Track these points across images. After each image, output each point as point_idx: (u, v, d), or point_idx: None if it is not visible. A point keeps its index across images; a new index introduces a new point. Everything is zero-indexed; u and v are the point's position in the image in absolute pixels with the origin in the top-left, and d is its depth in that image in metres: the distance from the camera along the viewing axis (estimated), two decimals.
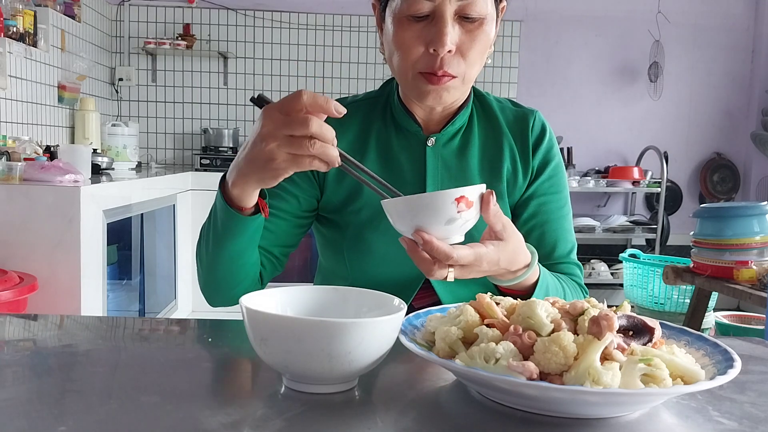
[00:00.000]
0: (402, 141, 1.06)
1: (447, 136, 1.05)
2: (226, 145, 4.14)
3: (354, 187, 1.04)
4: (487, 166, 1.06)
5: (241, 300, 0.66)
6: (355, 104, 1.09)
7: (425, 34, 0.91)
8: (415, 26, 0.91)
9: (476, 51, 0.93)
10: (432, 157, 1.04)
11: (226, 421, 0.56)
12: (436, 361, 0.61)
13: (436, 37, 0.89)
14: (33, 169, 2.38)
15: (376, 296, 0.74)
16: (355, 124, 1.06)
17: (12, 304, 2.01)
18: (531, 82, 4.46)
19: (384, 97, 1.10)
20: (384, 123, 1.07)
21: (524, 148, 1.07)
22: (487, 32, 0.93)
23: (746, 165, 4.63)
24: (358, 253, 1.03)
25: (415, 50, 0.92)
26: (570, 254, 1.09)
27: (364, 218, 1.03)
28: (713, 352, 0.66)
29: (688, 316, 2.87)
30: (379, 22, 1.00)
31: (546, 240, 1.07)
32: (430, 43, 0.90)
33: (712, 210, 2.59)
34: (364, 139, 1.06)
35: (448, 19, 0.89)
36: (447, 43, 0.89)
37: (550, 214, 1.07)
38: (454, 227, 0.74)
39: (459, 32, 0.91)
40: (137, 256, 3.38)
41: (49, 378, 0.67)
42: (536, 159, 1.07)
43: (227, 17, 4.29)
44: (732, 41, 4.55)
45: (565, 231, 1.09)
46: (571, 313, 0.66)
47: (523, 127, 1.08)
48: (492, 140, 1.07)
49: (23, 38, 2.94)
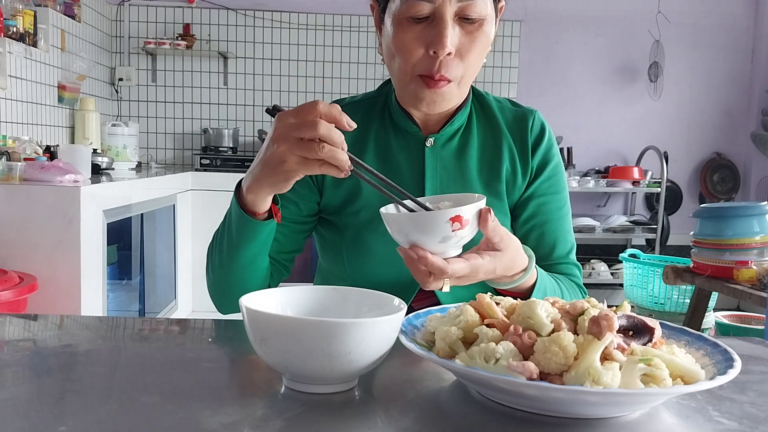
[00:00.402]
0: (401, 142, 1.05)
1: (446, 136, 1.05)
2: (226, 145, 4.14)
3: (353, 189, 1.04)
4: (486, 167, 1.06)
5: (241, 300, 0.66)
6: (353, 105, 1.09)
7: (425, 36, 0.90)
8: (414, 28, 0.91)
9: (475, 53, 0.93)
10: (431, 157, 1.04)
11: (226, 421, 0.56)
12: (436, 361, 0.61)
13: (436, 39, 0.89)
14: (33, 169, 2.38)
15: (376, 296, 0.74)
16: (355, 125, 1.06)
17: (12, 304, 2.02)
18: (531, 82, 4.45)
19: (382, 97, 1.09)
20: (382, 124, 1.07)
21: (523, 148, 1.07)
22: (486, 33, 0.93)
23: (746, 165, 4.63)
24: (357, 255, 1.03)
25: (415, 52, 0.91)
26: (569, 254, 1.09)
27: (363, 220, 1.03)
28: (713, 352, 0.66)
29: (688, 316, 2.86)
30: (377, 23, 1.00)
31: (545, 240, 1.07)
32: (430, 45, 0.90)
33: (712, 210, 2.59)
34: (363, 140, 1.06)
35: (448, 21, 0.89)
36: (447, 45, 0.89)
37: (550, 215, 1.07)
38: (450, 244, 0.75)
39: (459, 33, 0.91)
40: (137, 256, 3.38)
41: (49, 378, 0.67)
42: (535, 159, 1.07)
43: (227, 17, 4.29)
44: (732, 41, 4.55)
45: (565, 231, 1.08)
46: (571, 313, 0.66)
47: (523, 127, 1.08)
48: (491, 140, 1.07)
49: (23, 38, 2.94)
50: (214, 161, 3.94)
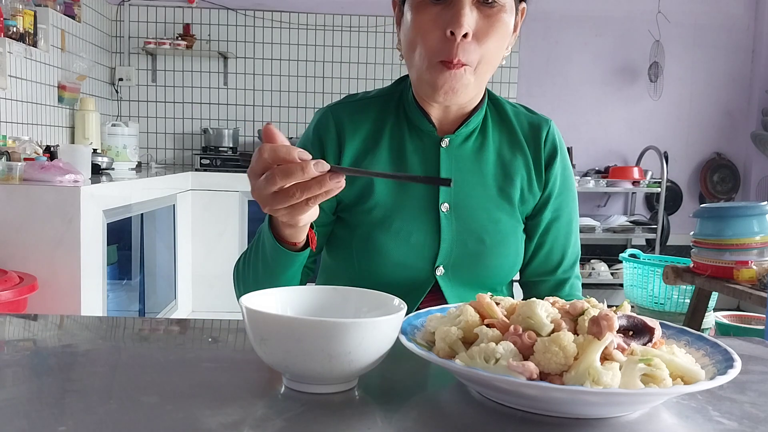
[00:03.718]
0: (415, 141, 1.04)
1: (461, 137, 1.04)
2: (226, 145, 4.14)
3: (366, 187, 1.02)
4: (501, 171, 1.05)
5: (241, 300, 0.66)
6: (367, 101, 1.07)
7: (443, 17, 0.90)
8: (432, 9, 0.91)
9: (493, 38, 0.92)
10: (446, 158, 1.03)
11: (226, 421, 0.56)
12: (436, 361, 0.61)
13: (453, 19, 0.88)
14: (33, 169, 2.38)
15: (376, 296, 0.74)
16: (369, 122, 1.05)
17: (12, 304, 2.02)
18: (531, 82, 4.45)
19: (397, 94, 1.08)
20: (397, 121, 1.05)
21: (537, 159, 1.06)
22: (505, 21, 0.93)
23: (746, 165, 4.63)
24: (367, 254, 1.02)
25: (432, 35, 0.91)
26: (573, 267, 1.10)
27: (375, 218, 1.01)
28: (713, 352, 0.66)
29: (688, 316, 2.87)
30: (398, 18, 1.00)
31: (554, 255, 1.08)
32: (447, 25, 0.89)
33: (712, 210, 2.59)
34: (377, 137, 1.04)
35: (465, 2, 0.89)
36: (464, 24, 0.88)
37: (560, 230, 1.08)
38: None
39: (477, 17, 0.90)
40: (137, 256, 3.38)
41: (49, 378, 0.67)
42: (549, 172, 1.07)
43: (227, 17, 4.29)
44: (732, 41, 4.55)
45: (572, 244, 1.10)
46: (571, 313, 0.66)
47: (537, 136, 1.07)
48: (507, 145, 1.06)
49: (23, 38, 2.94)
50: (214, 161, 3.94)
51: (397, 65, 4.37)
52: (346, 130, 1.04)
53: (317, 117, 1.07)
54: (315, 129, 1.06)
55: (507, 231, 1.04)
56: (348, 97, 1.10)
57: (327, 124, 1.05)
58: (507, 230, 1.04)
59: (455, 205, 1.02)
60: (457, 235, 1.01)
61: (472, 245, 1.02)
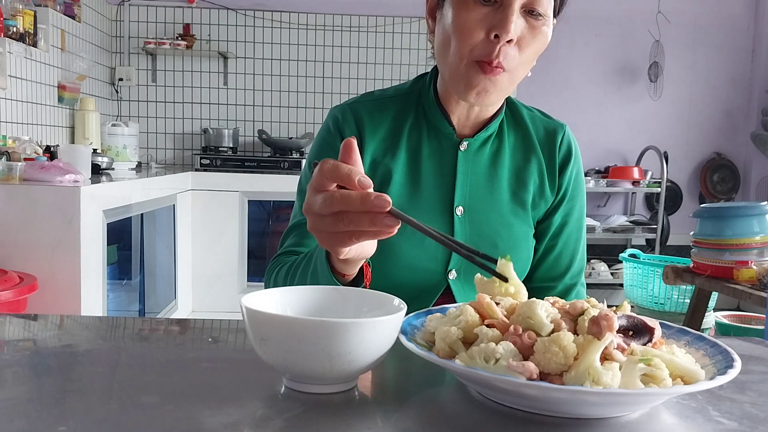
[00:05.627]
0: (433, 142, 1.03)
1: (479, 141, 1.03)
2: (226, 145, 4.14)
3: (380, 188, 1.01)
4: (515, 176, 1.05)
5: (241, 300, 0.66)
6: (386, 100, 1.05)
7: (489, 20, 0.88)
8: (480, 9, 0.89)
9: (533, 49, 0.92)
10: (463, 162, 1.02)
11: (226, 421, 0.56)
12: (436, 361, 0.61)
13: (500, 23, 0.87)
14: (33, 169, 2.38)
15: (376, 296, 0.74)
16: (388, 120, 1.04)
17: (12, 304, 2.02)
18: (531, 82, 4.45)
19: (416, 93, 1.06)
20: (416, 122, 1.04)
21: (551, 164, 1.06)
22: (545, 34, 0.92)
23: (746, 165, 4.63)
24: (379, 255, 1.00)
25: (475, 34, 0.89)
26: (580, 274, 1.10)
27: None
28: (713, 352, 0.66)
29: (688, 316, 2.87)
30: (432, 12, 0.98)
31: (563, 258, 1.08)
32: (492, 28, 0.88)
33: (712, 210, 2.60)
34: (396, 137, 1.03)
35: (516, 8, 0.88)
36: (511, 31, 0.87)
37: (570, 236, 1.09)
38: None
39: (522, 26, 0.90)
40: (137, 256, 3.38)
41: (49, 378, 0.67)
42: (563, 179, 1.07)
43: (227, 17, 4.29)
44: (732, 41, 4.55)
45: (579, 252, 1.10)
46: (571, 313, 0.65)
47: (552, 141, 1.07)
48: (522, 150, 1.06)
49: (23, 38, 2.94)
50: (214, 161, 3.94)
51: (398, 65, 4.37)
52: (366, 128, 1.03)
53: (335, 113, 1.05)
54: (334, 124, 1.04)
55: (519, 236, 1.04)
56: (365, 95, 1.08)
57: (347, 119, 1.03)
58: (519, 235, 1.04)
59: (469, 208, 1.02)
60: (471, 239, 1.01)
61: (485, 250, 1.01)
